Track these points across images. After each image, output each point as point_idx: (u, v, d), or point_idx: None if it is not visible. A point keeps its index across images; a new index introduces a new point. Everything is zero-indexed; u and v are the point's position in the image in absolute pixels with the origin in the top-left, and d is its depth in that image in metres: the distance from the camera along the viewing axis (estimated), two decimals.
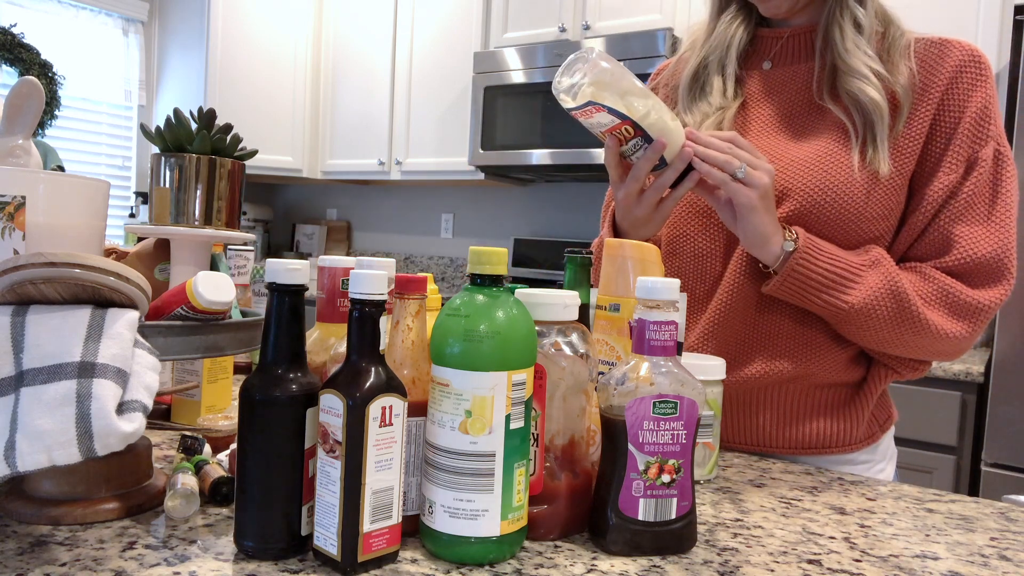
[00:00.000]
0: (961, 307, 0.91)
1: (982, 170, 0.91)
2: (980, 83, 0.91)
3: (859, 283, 0.89)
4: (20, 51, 3.34)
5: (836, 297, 0.90)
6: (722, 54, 1.03)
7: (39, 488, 0.65)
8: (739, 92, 1.03)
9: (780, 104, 1.00)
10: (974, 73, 0.92)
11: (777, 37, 1.03)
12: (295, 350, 0.59)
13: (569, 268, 0.75)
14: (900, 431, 2.10)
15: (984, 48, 2.23)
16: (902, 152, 0.92)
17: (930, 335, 0.91)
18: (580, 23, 3.00)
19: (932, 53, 0.93)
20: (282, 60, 3.77)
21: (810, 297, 0.91)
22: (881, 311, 0.89)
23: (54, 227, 0.67)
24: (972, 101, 0.91)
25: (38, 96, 0.77)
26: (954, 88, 0.92)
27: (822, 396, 0.99)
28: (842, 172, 0.92)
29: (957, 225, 0.91)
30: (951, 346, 0.92)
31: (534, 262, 3.42)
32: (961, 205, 0.91)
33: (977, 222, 0.91)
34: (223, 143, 0.82)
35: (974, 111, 0.91)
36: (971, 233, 0.90)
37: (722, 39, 1.04)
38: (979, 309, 0.91)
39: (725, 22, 1.04)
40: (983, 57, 0.93)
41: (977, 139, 0.91)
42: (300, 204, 4.43)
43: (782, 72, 1.02)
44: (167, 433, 0.92)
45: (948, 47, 0.93)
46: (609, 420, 0.64)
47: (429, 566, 0.58)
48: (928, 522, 0.76)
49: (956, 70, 0.92)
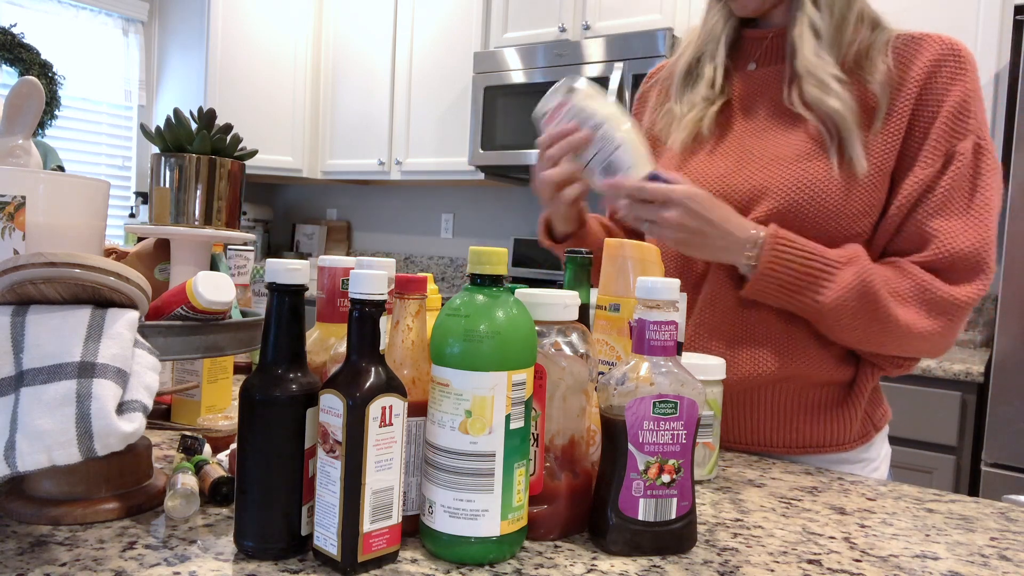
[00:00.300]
0: (936, 304, 0.90)
1: (960, 164, 0.90)
2: (959, 76, 0.91)
3: (833, 280, 0.89)
4: (20, 51, 3.34)
5: (809, 297, 0.90)
6: (712, 47, 1.05)
7: (39, 488, 0.65)
8: (726, 89, 1.04)
9: (761, 104, 1.01)
10: (953, 66, 0.91)
11: (761, 38, 1.04)
12: (295, 350, 0.59)
13: (569, 268, 0.75)
14: (900, 431, 2.10)
15: (984, 48, 2.23)
16: (881, 148, 0.93)
17: (900, 333, 0.90)
18: (580, 23, 3.00)
19: (908, 48, 0.94)
20: (282, 60, 3.77)
21: (784, 297, 0.91)
22: (850, 308, 0.89)
23: (54, 227, 0.67)
24: (950, 95, 0.91)
25: (38, 96, 0.77)
26: (932, 82, 0.91)
27: (813, 395, 0.99)
28: (820, 170, 0.92)
29: (934, 219, 0.91)
30: (927, 343, 0.92)
31: (534, 262, 3.42)
32: (939, 199, 0.91)
33: (955, 216, 0.90)
34: (223, 143, 0.82)
35: (952, 105, 0.90)
36: (949, 227, 0.90)
37: (712, 33, 1.06)
38: (955, 305, 0.90)
39: (714, 16, 1.06)
40: (963, 50, 0.92)
41: (955, 133, 0.91)
42: (300, 204, 4.43)
43: (764, 73, 1.03)
44: (167, 433, 0.92)
45: (924, 41, 0.93)
46: (609, 420, 0.64)
47: (429, 566, 0.58)
48: (928, 522, 0.76)
49: (934, 63, 0.92)
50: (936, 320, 0.90)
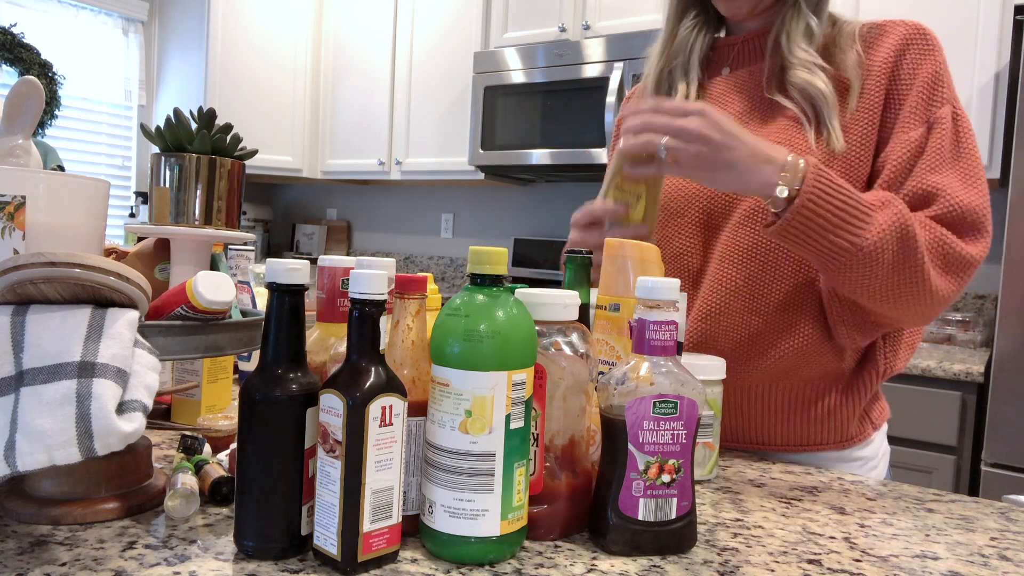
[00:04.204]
0: (953, 260, 0.88)
1: (943, 128, 0.92)
2: (928, 53, 0.95)
3: (870, 221, 0.83)
4: (20, 51, 3.34)
5: (845, 237, 0.82)
6: (684, 59, 1.07)
7: (39, 488, 0.65)
8: (701, 96, 1.07)
9: (739, 102, 1.04)
10: (921, 45, 0.95)
11: (732, 44, 1.08)
12: (295, 350, 0.59)
13: (569, 268, 0.75)
14: (900, 431, 2.10)
15: (984, 48, 2.23)
16: (859, 125, 0.95)
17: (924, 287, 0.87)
18: (580, 23, 3.00)
19: (874, 34, 0.98)
20: (282, 60, 3.77)
21: (817, 237, 0.83)
22: (890, 253, 0.84)
23: (54, 227, 0.67)
24: (922, 69, 0.94)
25: (38, 96, 0.77)
26: (903, 60, 0.95)
27: (813, 392, 0.99)
28: (799, 151, 0.92)
29: (933, 176, 0.91)
30: (935, 303, 0.89)
31: (534, 262, 3.42)
32: (931, 159, 0.91)
33: (951, 173, 0.91)
34: (223, 143, 0.82)
35: (925, 77, 0.94)
36: (950, 183, 0.90)
37: (683, 45, 1.08)
38: (968, 263, 0.89)
39: (687, 28, 1.08)
40: (929, 31, 0.97)
41: (932, 101, 0.94)
42: (300, 204, 4.43)
43: (739, 75, 1.06)
44: (167, 433, 0.92)
45: (889, 26, 0.98)
46: (609, 420, 0.64)
47: (429, 566, 0.58)
48: (928, 522, 0.76)
49: (902, 43, 0.95)
50: (949, 278, 0.89)
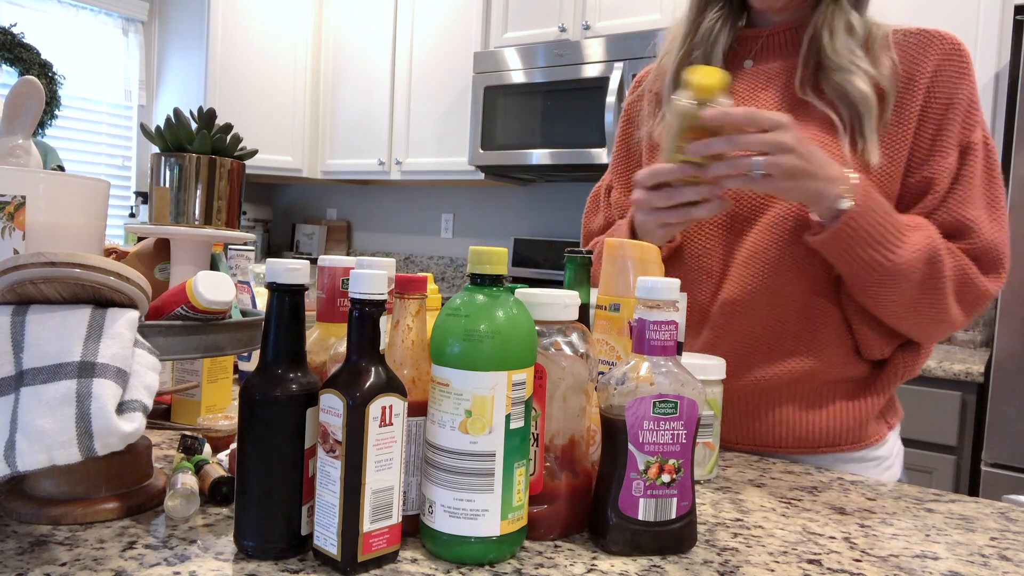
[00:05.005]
0: (972, 292, 0.91)
1: (975, 154, 0.93)
2: (965, 73, 0.94)
3: (905, 242, 0.88)
4: (20, 51, 3.34)
5: (881, 254, 0.86)
6: (707, 50, 1.04)
7: (39, 488, 0.65)
8: None
9: (763, 99, 1.01)
10: (958, 62, 0.94)
11: (757, 36, 1.04)
12: (295, 350, 0.59)
13: (569, 268, 0.75)
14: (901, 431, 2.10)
15: (984, 48, 2.23)
16: (893, 140, 0.94)
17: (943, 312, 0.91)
18: (580, 23, 3.00)
19: (911, 43, 0.96)
20: (282, 60, 3.77)
21: (858, 250, 0.87)
22: (915, 275, 0.88)
23: (54, 227, 0.67)
24: (960, 90, 0.93)
25: (38, 96, 0.77)
26: (939, 77, 0.94)
27: (831, 393, 0.99)
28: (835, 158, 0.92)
29: (967, 208, 0.92)
30: (947, 328, 0.93)
31: (534, 262, 3.42)
32: (964, 189, 0.92)
33: (981, 207, 0.92)
34: (223, 143, 0.82)
35: (963, 99, 0.93)
36: (980, 218, 0.92)
37: (707, 36, 1.05)
38: (985, 297, 0.92)
39: (711, 19, 1.05)
40: (965, 49, 0.96)
41: (967, 125, 0.93)
42: (300, 204, 4.43)
43: (763, 69, 1.03)
44: (167, 433, 0.92)
45: (929, 37, 0.96)
46: (609, 420, 0.64)
47: (429, 566, 0.58)
48: (928, 522, 0.76)
49: (941, 59, 0.94)
50: (965, 308, 0.92)
